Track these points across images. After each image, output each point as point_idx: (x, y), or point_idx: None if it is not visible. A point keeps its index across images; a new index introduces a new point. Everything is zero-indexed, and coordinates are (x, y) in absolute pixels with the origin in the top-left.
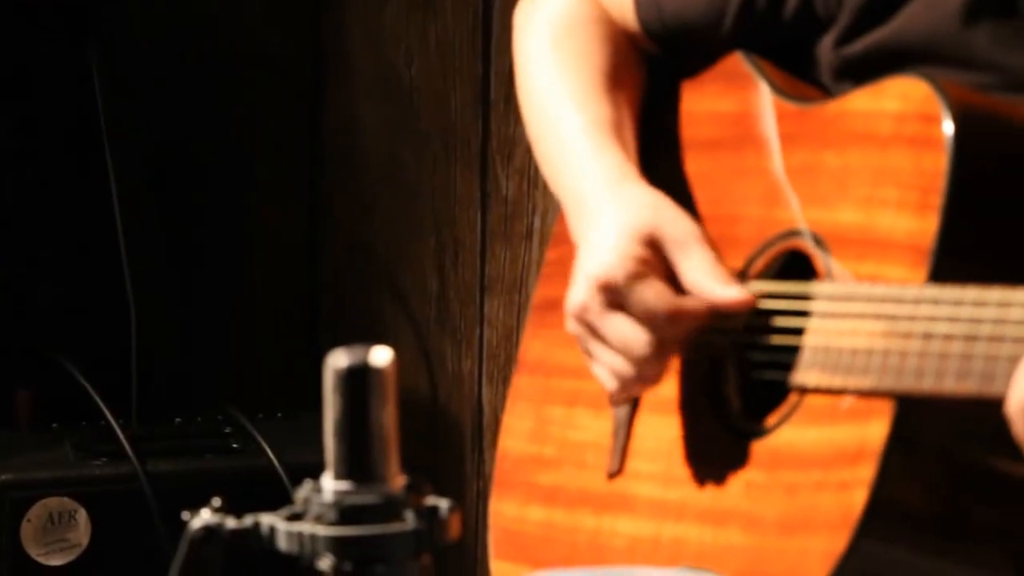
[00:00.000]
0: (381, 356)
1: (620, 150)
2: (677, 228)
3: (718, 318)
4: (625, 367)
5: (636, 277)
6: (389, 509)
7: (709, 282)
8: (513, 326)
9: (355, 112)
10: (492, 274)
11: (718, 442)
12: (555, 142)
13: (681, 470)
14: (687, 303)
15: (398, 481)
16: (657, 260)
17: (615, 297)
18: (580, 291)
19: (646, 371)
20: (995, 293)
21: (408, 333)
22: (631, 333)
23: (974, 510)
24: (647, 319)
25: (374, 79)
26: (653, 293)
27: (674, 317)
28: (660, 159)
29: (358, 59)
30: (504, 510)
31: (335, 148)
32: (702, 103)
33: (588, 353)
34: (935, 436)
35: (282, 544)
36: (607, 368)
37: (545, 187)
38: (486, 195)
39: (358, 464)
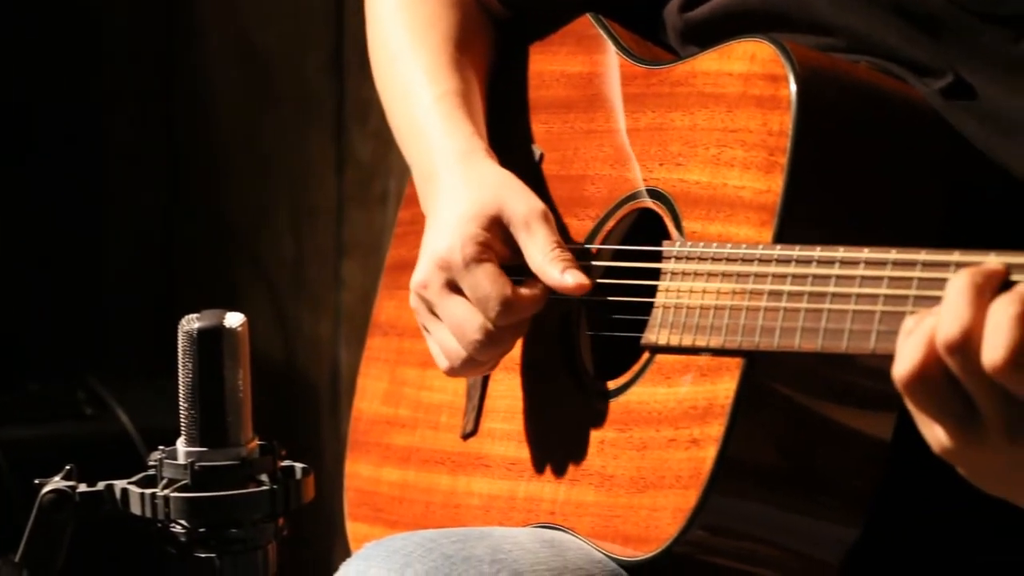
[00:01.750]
0: (233, 319)
1: (469, 123)
2: (521, 207)
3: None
4: (457, 349)
5: (475, 260)
6: (243, 472)
7: (549, 266)
8: (370, 289)
9: (208, 76)
10: (348, 237)
11: (571, 401)
12: (406, 114)
13: (535, 429)
14: (521, 293)
15: (252, 444)
16: (501, 241)
17: (454, 278)
18: (423, 268)
19: (478, 355)
20: (840, 251)
21: (264, 297)
22: (465, 316)
23: (820, 464)
24: (481, 304)
25: (226, 44)
26: (490, 279)
27: (507, 305)
28: (511, 121)
29: (209, 24)
30: (359, 471)
31: (189, 113)
32: (552, 65)
33: (425, 328)
34: (782, 393)
35: (135, 509)
36: (440, 347)
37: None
38: (342, 159)
39: (212, 428)
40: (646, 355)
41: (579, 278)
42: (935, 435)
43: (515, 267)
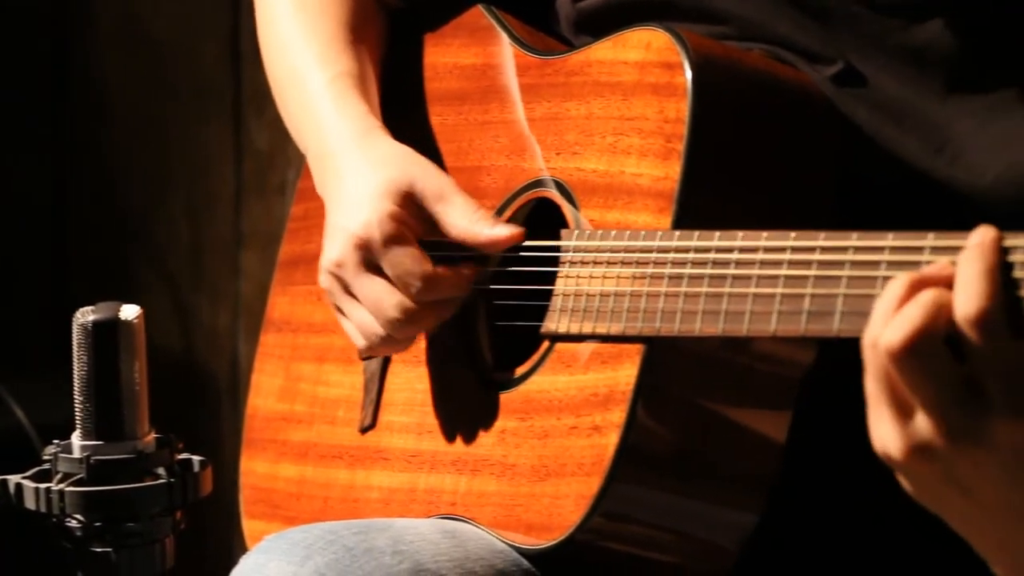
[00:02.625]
0: (129, 312)
1: (363, 103)
2: (432, 181)
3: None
4: (375, 328)
5: (394, 238)
6: (139, 465)
7: (477, 226)
8: (269, 279)
9: (101, 63)
10: (247, 228)
11: (471, 391)
12: (298, 98)
13: (435, 421)
14: (442, 270)
15: (149, 437)
16: (415, 217)
17: (372, 257)
18: (336, 246)
19: (396, 334)
20: (739, 236)
21: (161, 288)
22: (384, 295)
23: (721, 450)
24: (401, 282)
25: (119, 31)
26: (410, 257)
27: (429, 282)
28: (404, 113)
29: (102, 10)
30: (255, 468)
31: (82, 100)
32: (445, 56)
33: (339, 309)
34: (683, 378)
35: (29, 503)
36: (357, 327)
37: None
38: (239, 148)
39: (107, 421)
40: (546, 344)
41: (511, 228)
42: (910, 426)
43: (430, 243)
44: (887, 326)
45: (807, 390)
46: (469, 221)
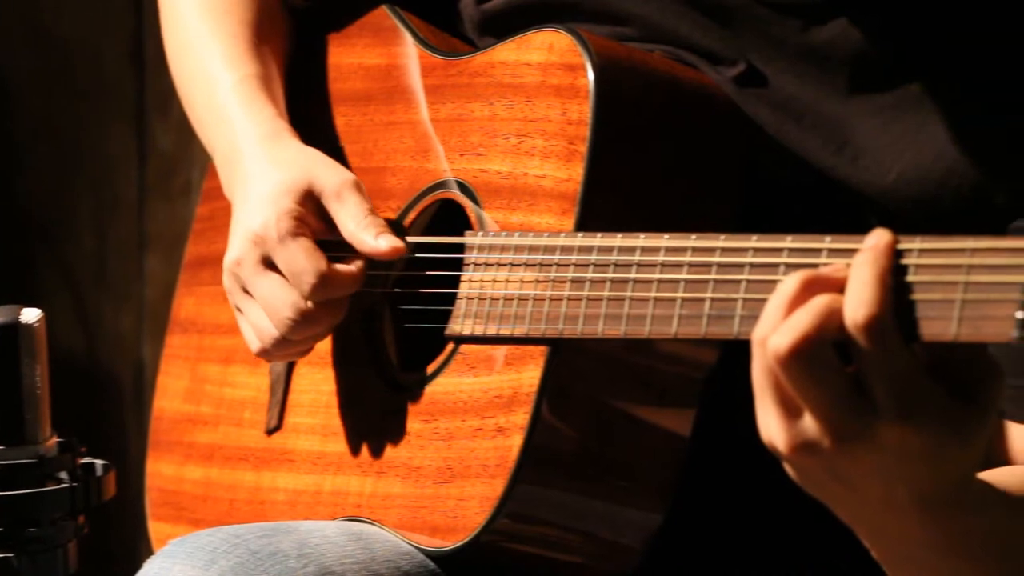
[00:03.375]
0: (30, 315)
1: (271, 105)
2: (332, 179)
3: (372, 271)
4: (269, 328)
5: (290, 234)
6: (41, 470)
7: (362, 233)
8: (174, 282)
9: (2, 60)
10: (151, 230)
11: (376, 393)
12: (205, 100)
13: (340, 423)
14: (337, 269)
15: (51, 442)
16: (315, 215)
17: (268, 253)
18: (236, 245)
19: (291, 335)
20: (641, 238)
21: (65, 292)
22: (278, 293)
23: (624, 450)
24: (296, 279)
25: (21, 31)
26: (305, 253)
27: (322, 280)
28: (309, 113)
29: (3, 5)
30: (161, 471)
31: None
32: (350, 56)
33: (237, 309)
34: (587, 380)
35: None
36: (252, 327)
37: None
38: (143, 150)
39: (8, 425)
40: (451, 346)
41: (393, 242)
42: (796, 424)
43: (333, 243)
44: (776, 330)
45: (710, 390)
46: (356, 225)
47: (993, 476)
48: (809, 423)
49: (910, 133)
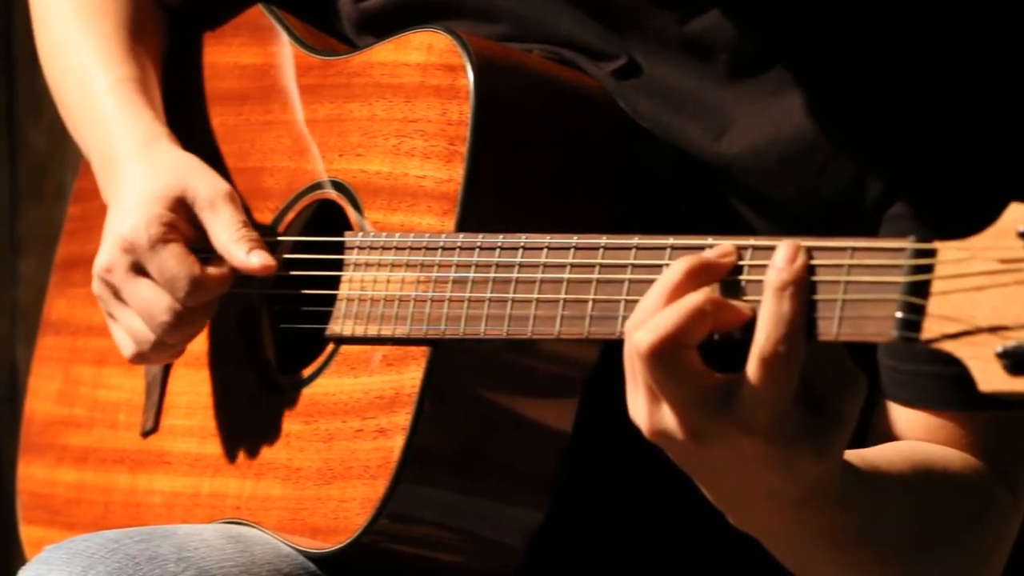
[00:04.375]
0: None
1: (149, 109)
2: (206, 188)
3: (248, 277)
4: (145, 332)
5: (161, 241)
6: None
7: (233, 247)
8: (47, 285)
9: None
10: (24, 232)
11: (255, 395)
12: (80, 101)
13: (218, 424)
14: (209, 272)
15: None
16: (186, 222)
17: (139, 260)
18: (106, 252)
19: (167, 338)
20: (523, 238)
21: None
22: (152, 298)
23: (506, 449)
24: (168, 285)
25: None
26: (176, 259)
27: (196, 285)
28: (185, 114)
29: None
30: (32, 474)
31: None
32: (226, 56)
33: (110, 315)
34: (469, 380)
35: None
36: (128, 332)
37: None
38: (15, 152)
39: None
40: (331, 346)
41: (264, 259)
42: (656, 412)
43: (203, 248)
44: (643, 324)
45: (593, 387)
46: (229, 238)
47: (873, 456)
48: (667, 414)
49: (787, 117)
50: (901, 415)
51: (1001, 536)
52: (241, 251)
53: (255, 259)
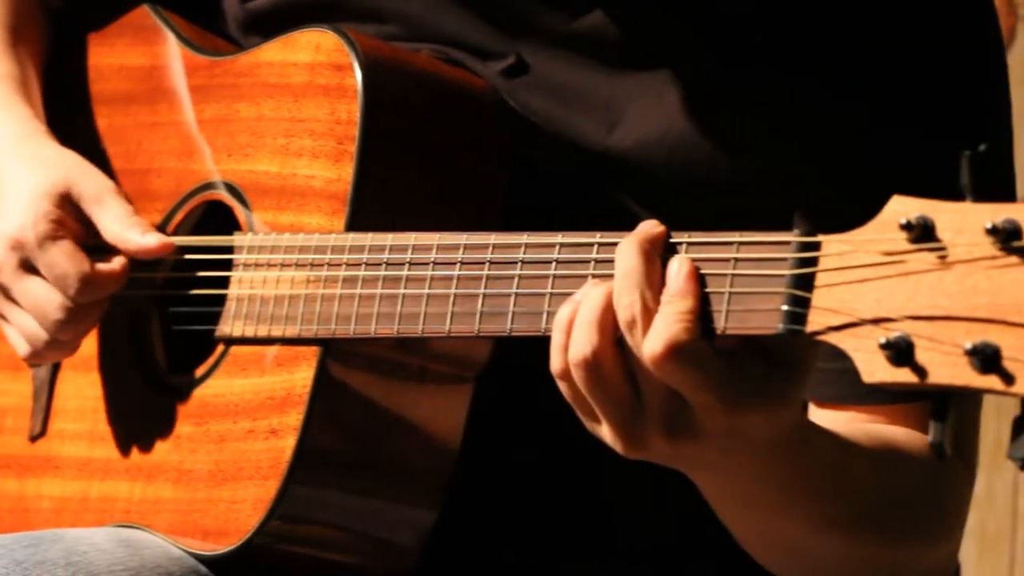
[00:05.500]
0: None
1: (27, 106)
2: (90, 184)
3: (137, 274)
4: (38, 331)
5: (49, 238)
6: None
7: (127, 233)
8: None
9: None
10: None
11: (144, 397)
12: None
13: (108, 427)
14: (100, 268)
15: None
16: (74, 219)
17: (28, 258)
18: None
19: (61, 336)
20: (413, 236)
21: None
22: (44, 296)
23: (398, 449)
24: (59, 283)
25: None
26: (66, 256)
27: (86, 281)
28: (70, 115)
29: None
30: None
31: None
32: (111, 57)
33: (1, 316)
34: (361, 379)
35: None
36: (20, 332)
37: None
38: None
39: None
40: (221, 347)
41: (160, 238)
42: (592, 427)
43: (93, 246)
44: (564, 347)
45: (485, 387)
46: (121, 227)
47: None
48: (604, 428)
49: (677, 111)
50: (836, 418)
51: (963, 505)
52: (135, 234)
53: (151, 239)
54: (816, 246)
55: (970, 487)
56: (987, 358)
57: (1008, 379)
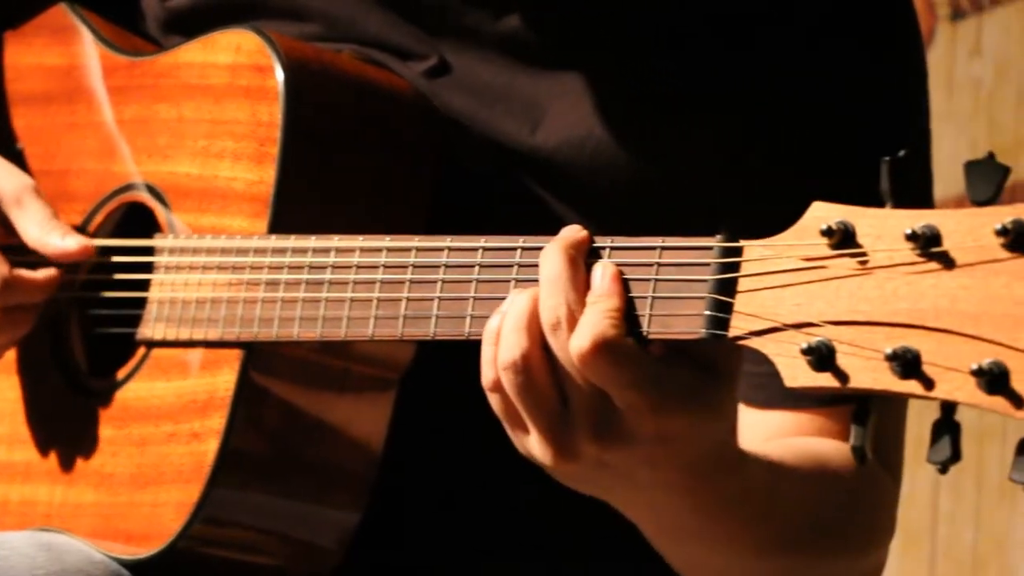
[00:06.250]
0: None
1: None
2: (9, 184)
3: (60, 278)
4: None
5: None
6: None
7: (46, 235)
8: None
9: None
10: None
11: (65, 400)
12: None
13: (28, 431)
14: (21, 274)
15: None
16: None
17: None
18: None
19: None
20: (335, 239)
21: None
22: None
23: (322, 452)
24: None
25: None
26: None
27: (7, 285)
28: None
29: None
30: None
31: None
32: (28, 56)
33: None
34: (284, 383)
35: None
36: None
37: None
38: None
39: None
40: (142, 350)
41: (81, 241)
42: (523, 441)
43: (15, 248)
44: (500, 343)
45: (408, 389)
46: (41, 230)
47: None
48: (534, 440)
49: (600, 111)
50: (767, 419)
51: (890, 514)
52: (55, 237)
53: (71, 241)
54: (738, 251)
55: (895, 494)
56: (907, 363)
57: (928, 383)
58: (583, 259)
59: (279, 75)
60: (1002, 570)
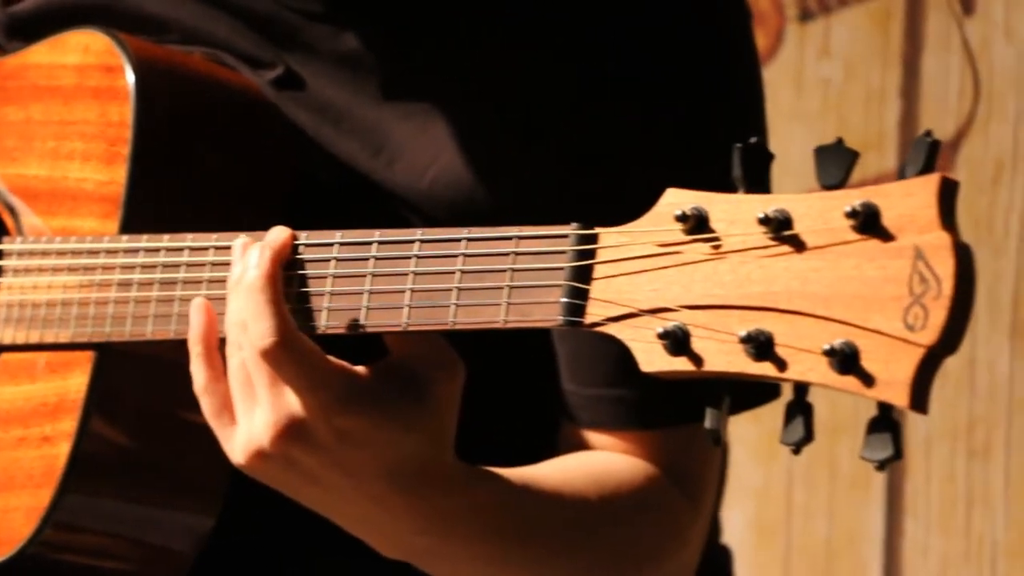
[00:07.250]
0: None
1: None
2: None
3: None
4: None
5: None
6: None
7: None
8: None
9: None
10: None
11: None
12: None
13: None
14: None
15: None
16: None
17: None
18: None
19: None
20: (189, 238)
21: None
22: None
23: (175, 454)
24: None
25: None
26: None
27: None
28: None
29: None
30: None
31: None
32: None
33: None
34: (137, 383)
35: None
36: None
37: None
38: None
39: None
40: None
41: None
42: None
43: None
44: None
45: None
46: None
47: (538, 467)
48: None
49: (442, 138)
50: (587, 438)
51: (677, 539)
52: None
53: None
54: (593, 238)
55: (691, 517)
56: (761, 345)
57: (781, 365)
58: (280, 262)
59: (129, 75)
60: (854, 563)
